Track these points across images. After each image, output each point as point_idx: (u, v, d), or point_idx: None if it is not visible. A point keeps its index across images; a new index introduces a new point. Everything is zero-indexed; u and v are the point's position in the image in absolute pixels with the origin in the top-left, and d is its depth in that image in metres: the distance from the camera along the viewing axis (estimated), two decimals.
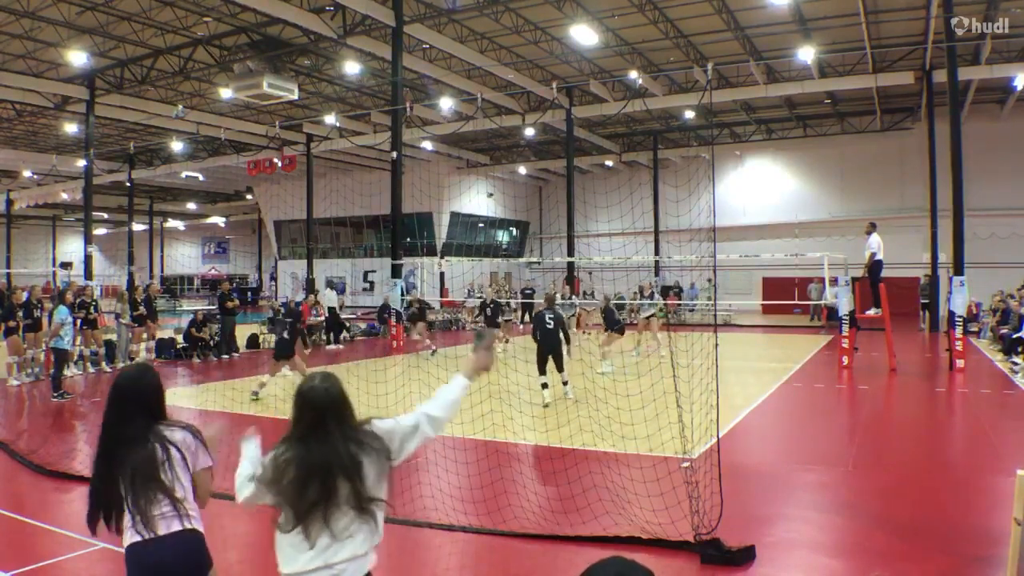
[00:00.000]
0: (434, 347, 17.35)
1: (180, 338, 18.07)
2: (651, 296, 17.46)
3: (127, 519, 2.79)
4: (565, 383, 10.94)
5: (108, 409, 2.93)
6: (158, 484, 2.77)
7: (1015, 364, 14.32)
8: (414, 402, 9.87)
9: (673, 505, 5.48)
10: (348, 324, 23.31)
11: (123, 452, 2.83)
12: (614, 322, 14.58)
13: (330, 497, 2.54)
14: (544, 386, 10.70)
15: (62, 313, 12.07)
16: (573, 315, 19.40)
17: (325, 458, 2.57)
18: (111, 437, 2.89)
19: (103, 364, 15.61)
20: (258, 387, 11.71)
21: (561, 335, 10.79)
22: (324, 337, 21.98)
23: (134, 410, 2.90)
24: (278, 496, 2.62)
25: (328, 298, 23.09)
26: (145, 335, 16.96)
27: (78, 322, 14.32)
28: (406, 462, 7.76)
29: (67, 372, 14.12)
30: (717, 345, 6.00)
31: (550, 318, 10.84)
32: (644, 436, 7.28)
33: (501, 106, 26.41)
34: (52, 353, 12.18)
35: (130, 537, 2.80)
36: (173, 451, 2.83)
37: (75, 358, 14.78)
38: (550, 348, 10.76)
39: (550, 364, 10.85)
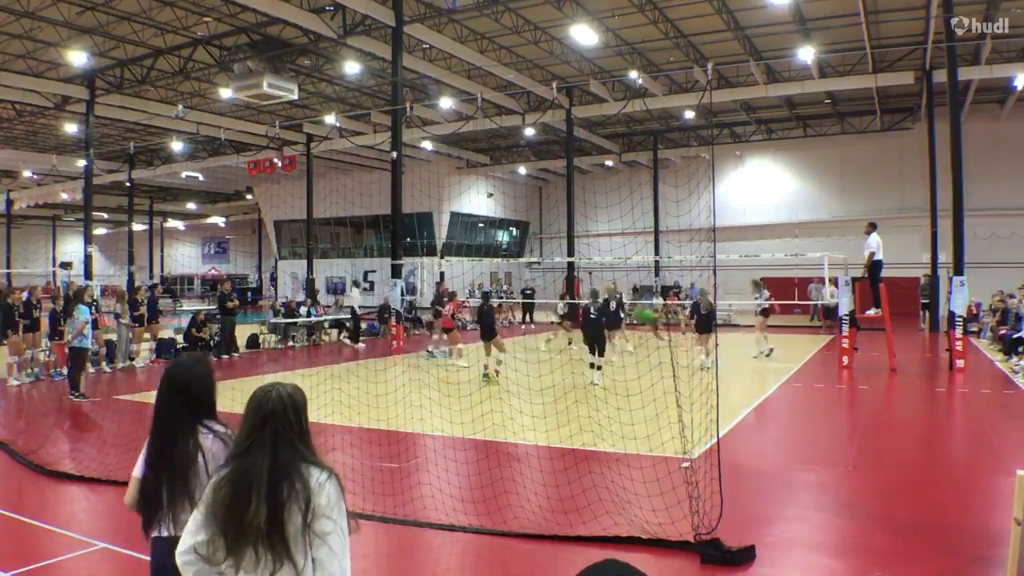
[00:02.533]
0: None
1: (180, 338, 18.06)
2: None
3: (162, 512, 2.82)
4: (599, 368, 12.48)
5: (156, 399, 2.92)
6: (185, 486, 2.77)
7: (1017, 365, 14.33)
8: (413, 403, 9.83)
9: (673, 505, 5.48)
10: (348, 324, 23.29)
11: (163, 447, 2.83)
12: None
13: (267, 517, 2.20)
14: (592, 366, 12.54)
15: (84, 312, 12.01)
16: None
17: (263, 470, 2.24)
18: (155, 429, 2.89)
19: (103, 364, 15.61)
20: (496, 363, 12.61)
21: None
22: (326, 336, 21.99)
23: (178, 404, 2.86)
24: (214, 525, 2.26)
25: (352, 298, 22.92)
26: (147, 335, 16.96)
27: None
28: (406, 461, 7.75)
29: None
30: (717, 344, 6.00)
31: (595, 310, 12.90)
32: (644, 436, 7.27)
33: (501, 106, 26.41)
34: (71, 352, 12.10)
35: (156, 530, 2.83)
36: (199, 456, 2.79)
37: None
38: (595, 336, 12.82)
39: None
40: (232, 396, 12.18)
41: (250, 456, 2.28)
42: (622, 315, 14.74)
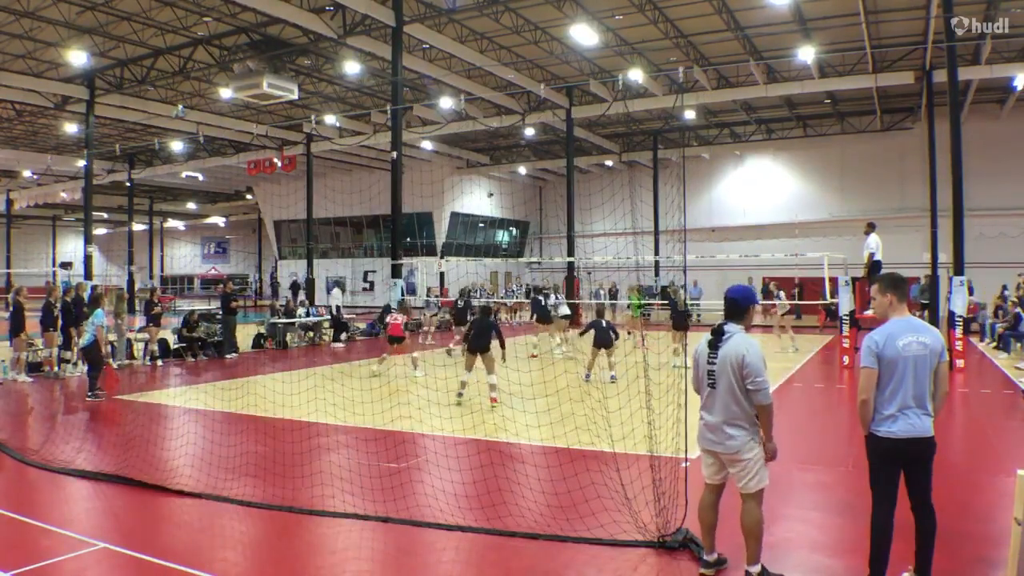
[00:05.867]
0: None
1: (174, 338, 17.89)
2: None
3: None
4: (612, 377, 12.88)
5: None
6: None
7: (1020, 366, 14.37)
8: (412, 401, 9.84)
9: (673, 506, 5.47)
10: (349, 324, 23.29)
11: None
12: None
13: None
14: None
15: (100, 317, 12.01)
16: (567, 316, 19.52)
17: None
18: None
19: (111, 361, 15.61)
20: (491, 390, 11.21)
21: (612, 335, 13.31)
22: (326, 336, 21.99)
23: None
24: None
25: (335, 297, 23.06)
26: (142, 335, 17.00)
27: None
28: (405, 461, 7.76)
29: (75, 371, 14.21)
30: (687, 344, 6.02)
31: (606, 322, 13.44)
32: (644, 436, 7.26)
33: (501, 106, 26.41)
34: (87, 353, 12.11)
35: None
36: None
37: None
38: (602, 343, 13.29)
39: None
40: (231, 397, 12.13)
41: None
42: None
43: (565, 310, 19.46)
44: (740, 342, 4.53)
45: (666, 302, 18.76)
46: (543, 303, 18.90)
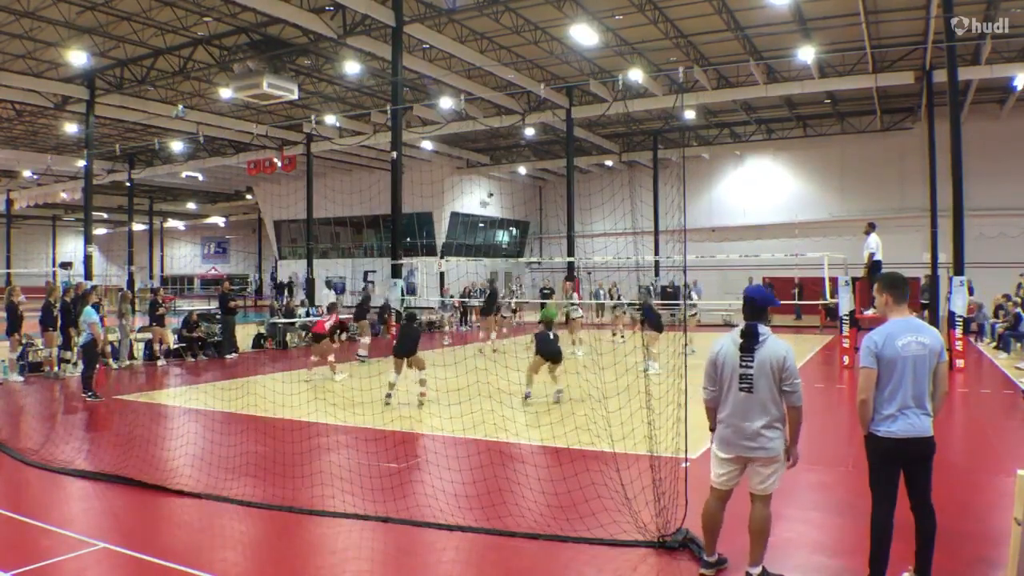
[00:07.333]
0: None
1: (175, 338, 17.88)
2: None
3: None
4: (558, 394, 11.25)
5: None
6: None
7: (1020, 366, 14.36)
8: (413, 399, 9.81)
9: (673, 506, 5.47)
10: (348, 324, 23.26)
11: None
12: None
13: None
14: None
15: (90, 314, 12.01)
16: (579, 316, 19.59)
17: None
18: None
19: (110, 361, 15.63)
20: (420, 385, 11.07)
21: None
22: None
23: None
24: None
25: (326, 297, 23.21)
26: (140, 335, 17.02)
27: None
28: (406, 462, 7.75)
29: (75, 371, 14.24)
30: (687, 344, 6.04)
31: (553, 334, 11.61)
32: (644, 436, 7.26)
33: (501, 106, 26.41)
34: (82, 353, 12.14)
35: None
36: None
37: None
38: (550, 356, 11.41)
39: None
40: (231, 397, 12.11)
41: None
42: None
43: (579, 312, 19.65)
44: (778, 344, 4.54)
45: (636, 304, 18.16)
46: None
